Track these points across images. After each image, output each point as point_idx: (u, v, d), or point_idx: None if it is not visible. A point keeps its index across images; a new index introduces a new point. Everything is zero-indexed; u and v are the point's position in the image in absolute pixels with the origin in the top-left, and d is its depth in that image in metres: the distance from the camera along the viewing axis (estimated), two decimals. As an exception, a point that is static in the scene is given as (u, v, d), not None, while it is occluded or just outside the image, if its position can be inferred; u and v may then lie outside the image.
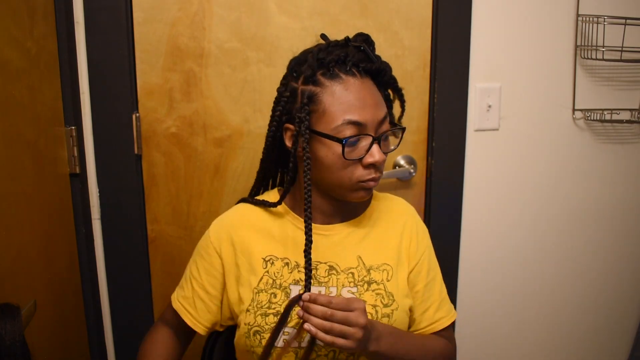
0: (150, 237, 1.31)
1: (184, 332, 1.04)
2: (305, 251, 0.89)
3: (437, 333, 1.01)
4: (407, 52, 1.35)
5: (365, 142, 0.89)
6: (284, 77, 0.95)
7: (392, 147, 0.96)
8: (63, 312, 1.12)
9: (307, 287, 0.88)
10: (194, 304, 1.00)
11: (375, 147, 0.89)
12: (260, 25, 1.26)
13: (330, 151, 0.88)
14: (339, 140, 0.87)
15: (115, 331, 1.30)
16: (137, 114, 1.23)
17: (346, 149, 0.87)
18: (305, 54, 0.93)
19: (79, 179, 1.20)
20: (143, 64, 1.22)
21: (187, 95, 1.25)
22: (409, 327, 1.01)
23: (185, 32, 1.22)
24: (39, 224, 1.01)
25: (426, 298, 1.00)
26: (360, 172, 0.90)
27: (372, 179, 0.91)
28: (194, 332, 1.01)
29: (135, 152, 1.24)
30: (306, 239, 0.89)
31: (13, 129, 0.90)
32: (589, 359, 1.70)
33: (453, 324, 1.04)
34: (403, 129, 0.98)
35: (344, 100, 0.87)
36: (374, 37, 1.30)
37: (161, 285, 1.32)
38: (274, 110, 0.95)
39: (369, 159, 0.89)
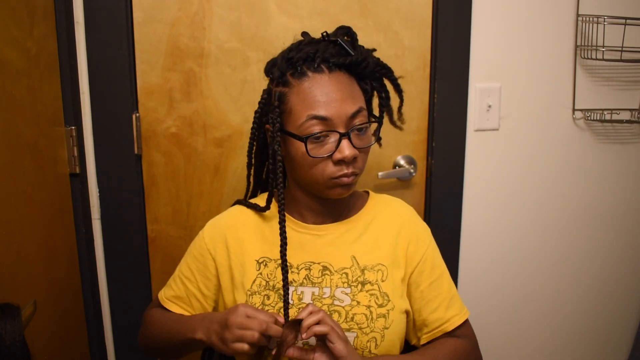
0: (150, 237, 1.31)
1: None
2: (281, 252, 0.89)
3: (451, 333, 0.97)
4: (407, 52, 1.35)
5: (333, 138, 0.88)
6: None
7: (370, 143, 0.92)
8: (63, 312, 1.12)
9: (285, 289, 0.87)
10: (190, 303, 0.99)
11: (344, 142, 0.87)
12: (260, 25, 1.26)
13: (298, 150, 0.88)
14: (300, 138, 0.86)
15: (115, 331, 1.30)
16: (137, 114, 1.23)
17: (311, 146, 0.87)
18: (280, 54, 0.93)
19: (79, 179, 1.20)
20: (143, 64, 1.22)
21: (187, 95, 1.25)
22: (418, 332, 0.98)
23: (185, 32, 1.22)
24: (39, 224, 1.01)
25: (433, 297, 0.97)
26: (331, 169, 0.88)
27: (344, 175, 0.89)
28: None
29: (135, 152, 1.24)
30: (281, 241, 0.89)
31: (13, 129, 0.90)
32: (589, 359, 1.70)
33: (468, 322, 1.00)
34: (379, 122, 0.96)
35: (308, 96, 0.87)
36: (374, 37, 1.31)
37: (161, 285, 1.32)
38: (255, 112, 0.95)
39: (337, 155, 0.87)
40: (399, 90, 0.99)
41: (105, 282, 1.28)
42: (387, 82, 1.00)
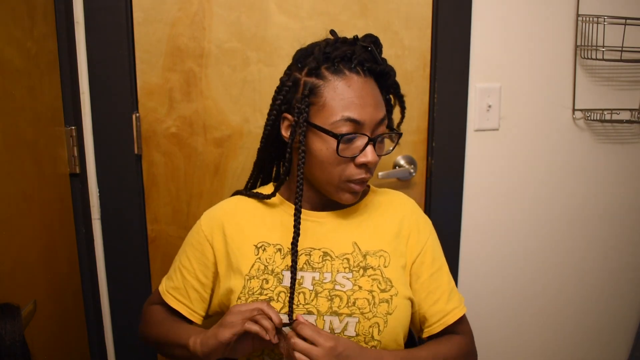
0: (150, 237, 1.31)
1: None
2: (292, 243, 0.89)
3: (451, 327, 0.97)
4: (407, 52, 1.35)
5: (360, 141, 0.89)
6: (288, 67, 0.96)
7: (386, 151, 0.96)
8: (63, 312, 1.12)
9: (293, 280, 0.88)
10: (187, 294, 0.99)
11: (370, 147, 0.89)
12: (260, 25, 1.26)
13: (324, 145, 0.89)
14: (335, 135, 0.87)
15: (115, 331, 1.30)
16: (137, 114, 1.23)
17: (341, 146, 0.88)
18: (313, 46, 0.93)
19: (79, 179, 1.20)
20: (143, 64, 1.22)
21: (187, 95, 1.25)
22: (421, 325, 0.99)
23: (185, 32, 1.22)
24: (39, 224, 1.01)
25: (434, 288, 0.97)
26: (351, 171, 0.90)
27: (361, 180, 0.91)
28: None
29: (135, 152, 1.24)
30: (294, 232, 0.89)
31: (13, 129, 0.90)
32: (589, 359, 1.70)
33: (466, 317, 1.00)
34: (400, 135, 0.98)
35: (345, 96, 0.87)
36: (373, 37, 1.31)
37: (161, 285, 1.32)
38: (274, 99, 0.95)
39: (362, 159, 0.89)
40: (403, 108, 1.01)
41: (105, 282, 1.28)
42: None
